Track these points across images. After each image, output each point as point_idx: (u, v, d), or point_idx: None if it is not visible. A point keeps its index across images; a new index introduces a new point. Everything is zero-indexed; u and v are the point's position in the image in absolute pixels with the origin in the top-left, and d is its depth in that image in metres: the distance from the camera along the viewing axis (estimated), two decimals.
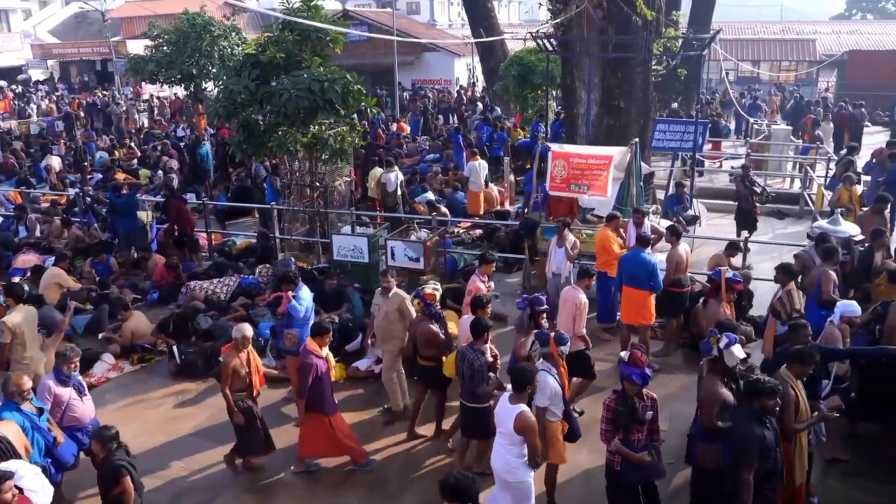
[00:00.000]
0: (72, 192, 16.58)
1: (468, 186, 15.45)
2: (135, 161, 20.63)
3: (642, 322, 9.01)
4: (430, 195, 15.24)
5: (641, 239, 9.13)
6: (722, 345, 5.72)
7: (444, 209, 14.28)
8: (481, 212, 15.20)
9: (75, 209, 15.32)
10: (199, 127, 22.95)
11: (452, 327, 9.86)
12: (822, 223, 10.41)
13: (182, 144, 20.84)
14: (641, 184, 11.64)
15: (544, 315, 7.04)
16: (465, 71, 38.08)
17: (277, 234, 13.26)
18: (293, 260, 12.54)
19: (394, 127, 24.46)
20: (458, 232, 14.14)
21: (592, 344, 8.44)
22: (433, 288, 8.36)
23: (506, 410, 5.65)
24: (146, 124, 29.14)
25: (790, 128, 22.53)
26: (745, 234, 12.44)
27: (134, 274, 12.74)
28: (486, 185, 15.60)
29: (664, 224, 10.87)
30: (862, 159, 15.54)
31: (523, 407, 5.61)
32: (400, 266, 11.25)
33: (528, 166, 15.78)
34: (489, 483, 6.21)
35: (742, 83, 37.85)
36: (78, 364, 6.85)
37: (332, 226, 12.91)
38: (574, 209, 12.33)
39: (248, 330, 7.05)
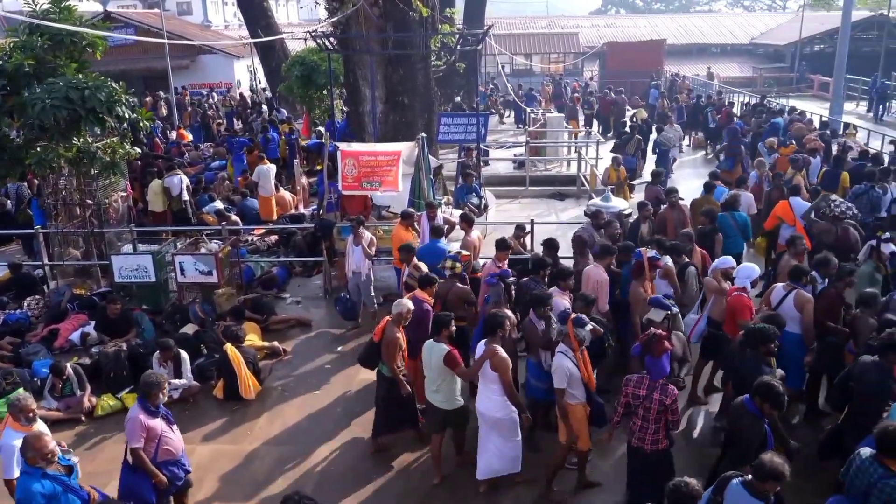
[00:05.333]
0: None
1: (258, 192, 14.92)
2: None
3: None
4: (219, 204, 14.47)
5: (436, 230, 9.41)
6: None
7: (234, 217, 13.64)
8: (275, 217, 14.76)
9: None
10: None
11: (254, 339, 9.51)
12: (596, 201, 11.32)
13: None
14: (431, 176, 11.89)
15: (512, 286, 7.71)
16: (247, 73, 36.82)
17: (46, 261, 11.96)
18: (68, 287, 11.40)
19: (173, 135, 23.06)
20: (252, 240, 13.61)
21: None
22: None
23: (479, 349, 6.28)
24: None
25: (563, 115, 24.19)
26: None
27: None
28: (278, 189, 15.17)
29: (456, 214, 11.20)
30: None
31: (492, 345, 6.14)
32: (191, 282, 10.65)
33: (320, 167, 15.58)
34: None
35: (517, 76, 40.10)
36: (167, 392, 6.25)
37: (110, 246, 11.91)
38: (368, 206, 12.37)
39: (409, 304, 7.00)
